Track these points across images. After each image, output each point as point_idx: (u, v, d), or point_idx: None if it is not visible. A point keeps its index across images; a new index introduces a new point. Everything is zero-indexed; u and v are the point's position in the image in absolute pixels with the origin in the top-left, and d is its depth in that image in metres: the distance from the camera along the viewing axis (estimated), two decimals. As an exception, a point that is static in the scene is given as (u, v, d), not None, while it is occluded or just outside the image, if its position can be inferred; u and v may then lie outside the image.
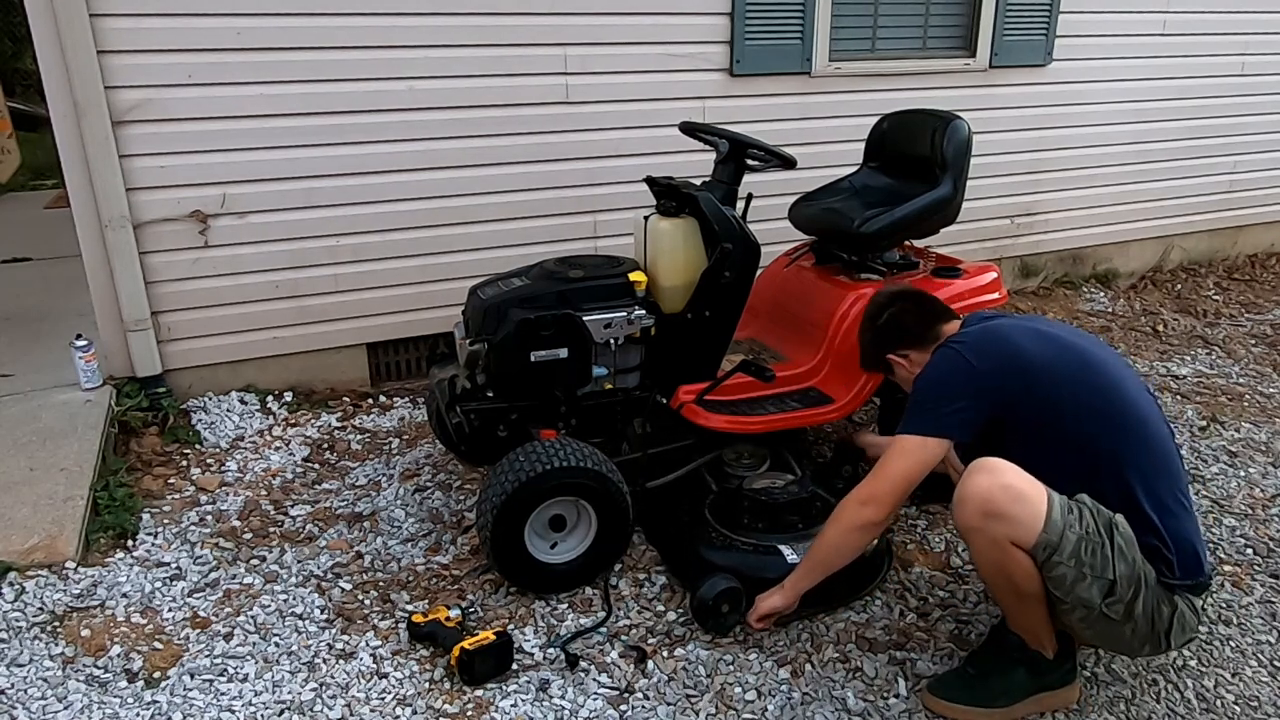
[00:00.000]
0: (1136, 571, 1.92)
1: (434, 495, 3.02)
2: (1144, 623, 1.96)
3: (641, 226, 2.82)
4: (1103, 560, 1.90)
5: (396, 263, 3.67)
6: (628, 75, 3.81)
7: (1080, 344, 2.12)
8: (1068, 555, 1.88)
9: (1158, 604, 1.96)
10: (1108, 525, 1.92)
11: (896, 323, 2.34)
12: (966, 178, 3.02)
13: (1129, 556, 1.91)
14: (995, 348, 2.08)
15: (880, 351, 2.39)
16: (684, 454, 2.84)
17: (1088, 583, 1.90)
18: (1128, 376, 2.11)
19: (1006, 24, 4.44)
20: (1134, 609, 1.93)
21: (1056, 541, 1.88)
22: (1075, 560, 1.89)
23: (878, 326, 2.39)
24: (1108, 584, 1.91)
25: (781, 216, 3.24)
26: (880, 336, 2.38)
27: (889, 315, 2.36)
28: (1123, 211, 5.18)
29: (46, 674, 2.20)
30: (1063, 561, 1.88)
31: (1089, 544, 1.90)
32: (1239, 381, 4.01)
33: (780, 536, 2.50)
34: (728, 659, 2.29)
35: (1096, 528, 1.92)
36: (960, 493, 1.94)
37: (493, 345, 2.59)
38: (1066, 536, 1.89)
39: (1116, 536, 1.91)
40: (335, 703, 2.15)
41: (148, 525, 2.81)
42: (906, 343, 2.33)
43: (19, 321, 4.08)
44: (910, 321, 2.33)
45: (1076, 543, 1.89)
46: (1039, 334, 2.11)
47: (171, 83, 3.18)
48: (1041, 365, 2.03)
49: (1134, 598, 1.92)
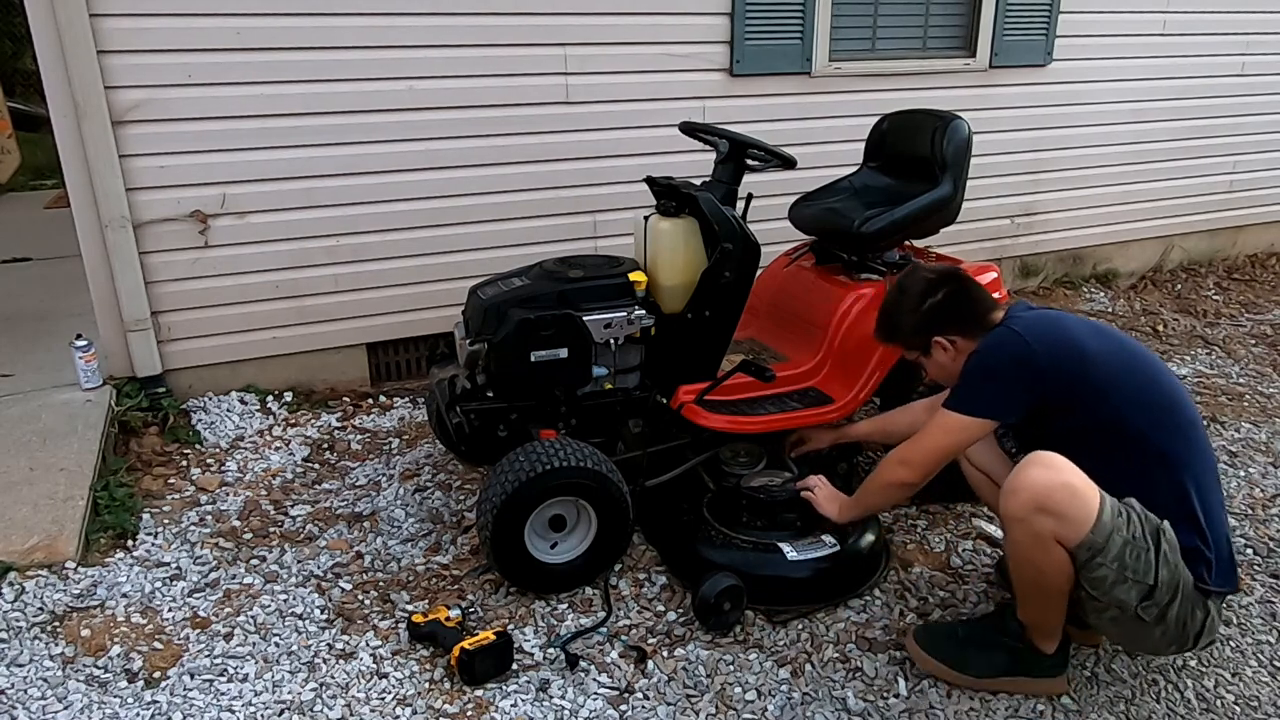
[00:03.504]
0: (1177, 578, 1.92)
1: (434, 495, 3.02)
2: (1175, 626, 1.96)
3: (641, 226, 2.82)
4: (1145, 565, 1.89)
5: (396, 263, 3.67)
6: (628, 75, 3.81)
7: (1131, 342, 2.12)
8: (1111, 558, 1.88)
9: (1192, 609, 1.96)
10: (1155, 532, 1.92)
11: (951, 305, 2.21)
12: (966, 178, 3.02)
13: (1172, 563, 1.91)
14: (1053, 334, 2.05)
15: (927, 333, 2.23)
16: (681, 453, 2.84)
17: (1127, 585, 1.90)
18: (1175, 379, 2.11)
19: (1006, 24, 4.44)
20: (1168, 613, 1.93)
21: (1103, 544, 1.87)
22: (1119, 564, 1.88)
23: (930, 306, 2.21)
24: (1147, 588, 1.90)
25: (781, 216, 3.24)
26: (931, 317, 2.22)
27: (945, 295, 2.21)
28: (1123, 211, 5.18)
29: (46, 674, 2.21)
30: (1105, 564, 1.88)
31: (1134, 548, 1.89)
32: (1239, 381, 4.01)
33: (779, 534, 2.51)
34: (728, 659, 2.29)
35: (1143, 533, 1.91)
36: (1014, 483, 1.92)
37: (493, 345, 2.59)
38: (1113, 539, 1.88)
39: (1163, 543, 1.91)
40: (335, 703, 2.15)
41: (148, 525, 2.81)
42: (957, 327, 2.20)
43: (19, 321, 4.08)
44: (965, 306, 2.21)
45: (1122, 546, 1.88)
46: (1094, 327, 2.12)
47: (171, 83, 3.18)
48: (1098, 356, 2.02)
49: (1170, 602, 1.93)
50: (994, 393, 2.07)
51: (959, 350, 2.20)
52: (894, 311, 2.31)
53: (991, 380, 2.07)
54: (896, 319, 2.31)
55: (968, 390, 2.11)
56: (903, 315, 2.28)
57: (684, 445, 2.83)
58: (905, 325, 2.28)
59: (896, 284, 2.34)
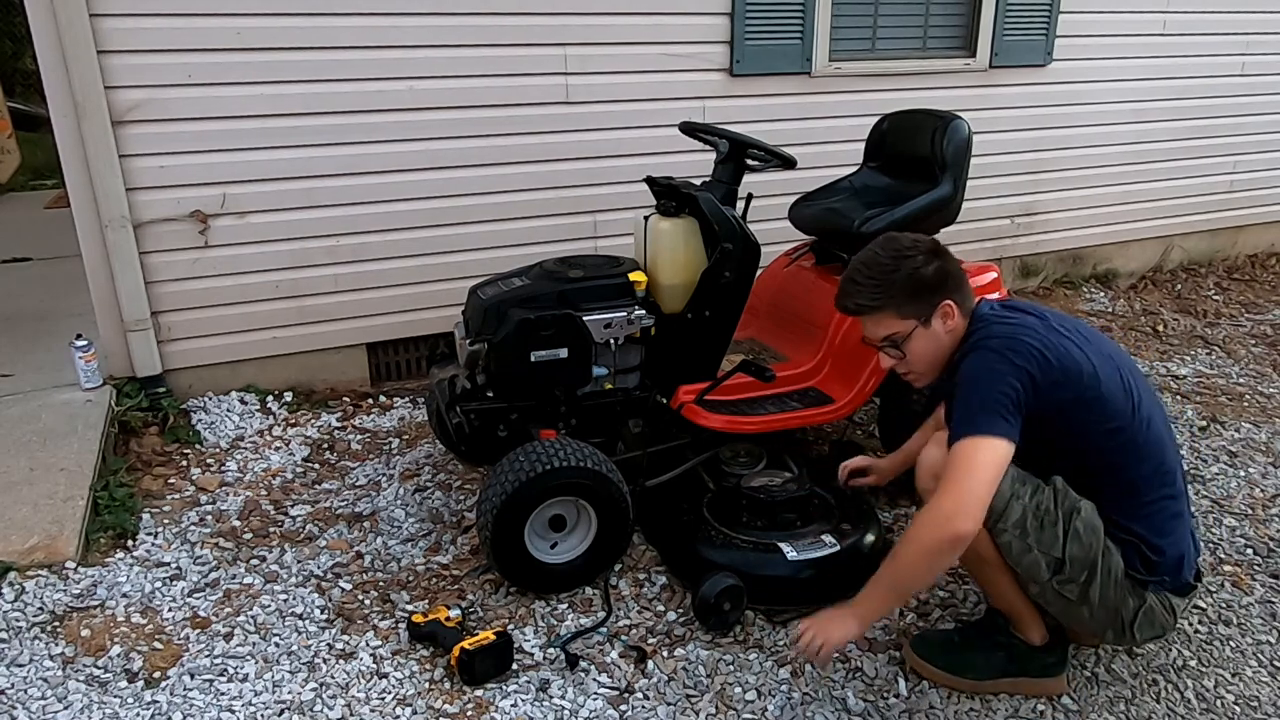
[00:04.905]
0: (1092, 557, 1.95)
1: (434, 495, 3.02)
2: (1102, 610, 2.00)
3: (641, 226, 2.82)
4: (1051, 538, 1.95)
5: (396, 263, 3.67)
6: (628, 75, 3.81)
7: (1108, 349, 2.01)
8: (1012, 524, 1.94)
9: (1121, 595, 1.99)
10: (1069, 509, 1.96)
11: (955, 268, 2.01)
12: (966, 178, 3.02)
13: (1085, 542, 1.95)
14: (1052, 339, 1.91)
15: (937, 295, 1.97)
16: (681, 453, 2.84)
17: (1034, 555, 1.96)
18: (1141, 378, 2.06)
19: (1006, 24, 4.44)
20: (1089, 593, 1.97)
21: (1001, 509, 1.93)
22: (1020, 530, 1.95)
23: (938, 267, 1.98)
24: (1055, 561, 1.95)
25: (781, 216, 3.24)
26: (940, 278, 1.97)
27: (948, 260, 2.01)
28: (1123, 211, 5.18)
29: (46, 674, 2.20)
30: (1008, 529, 1.95)
31: (1037, 518, 1.94)
32: (1239, 381, 4.01)
33: (779, 534, 2.51)
34: (728, 659, 2.29)
35: (1054, 507, 1.95)
36: (919, 460, 2.05)
37: (493, 345, 2.59)
38: (1012, 506, 1.94)
39: (1076, 521, 1.95)
40: (335, 703, 2.15)
41: (148, 525, 2.81)
42: (960, 294, 2.00)
43: (19, 321, 4.08)
44: (960, 275, 2.02)
45: (1022, 514, 1.94)
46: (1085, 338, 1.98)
47: (171, 83, 3.18)
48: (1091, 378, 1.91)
49: (1088, 581, 1.96)
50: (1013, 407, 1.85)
51: (955, 323, 1.99)
52: (889, 270, 1.98)
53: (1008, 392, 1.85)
54: (893, 278, 1.97)
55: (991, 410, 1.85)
56: (901, 274, 1.97)
57: (684, 445, 2.83)
58: (908, 285, 1.97)
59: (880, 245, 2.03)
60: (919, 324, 2.00)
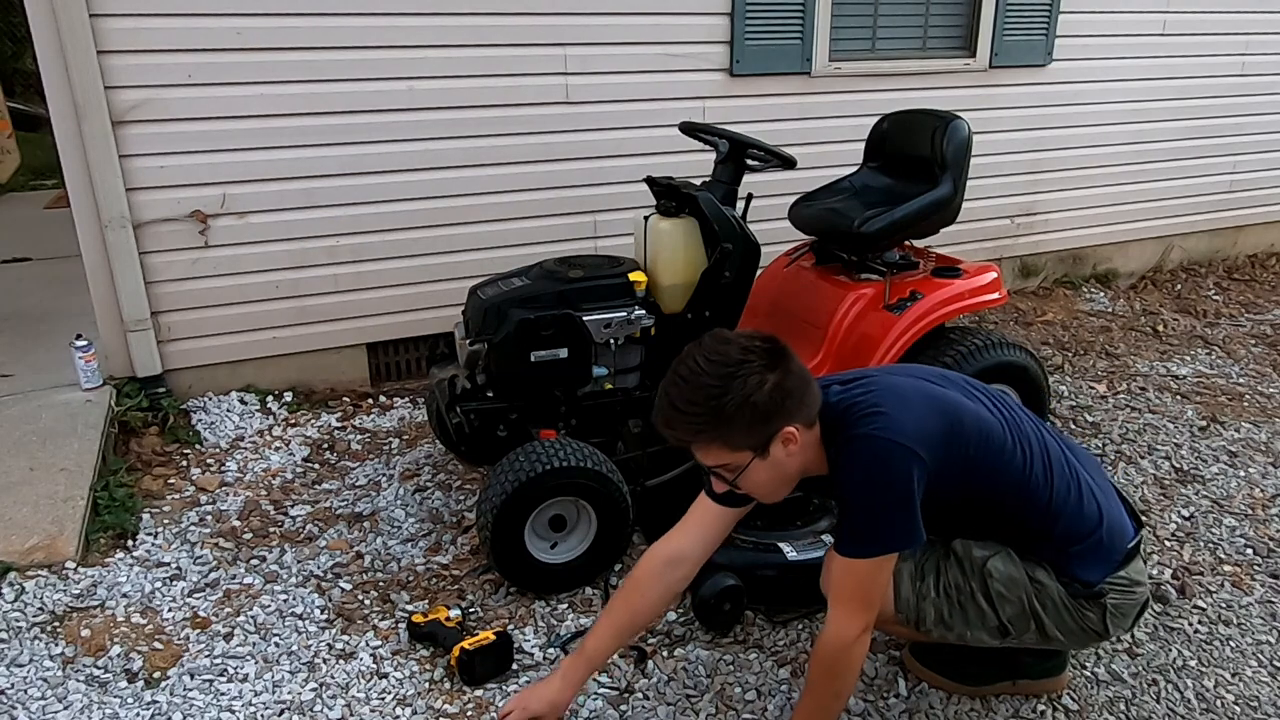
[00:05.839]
0: (1029, 606, 1.84)
1: (434, 495, 3.02)
2: (1069, 636, 1.90)
3: (641, 226, 2.82)
4: (976, 612, 1.85)
5: (396, 263, 3.67)
6: (628, 75, 3.81)
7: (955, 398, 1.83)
8: (932, 622, 1.88)
9: (1079, 614, 1.86)
10: (980, 574, 1.83)
11: (792, 386, 1.68)
12: (966, 178, 3.02)
13: (1012, 597, 1.84)
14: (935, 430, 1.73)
15: (775, 422, 1.67)
16: (681, 453, 2.83)
17: (974, 632, 1.88)
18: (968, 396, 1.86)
19: (1006, 24, 4.44)
20: (1045, 630, 1.87)
21: (914, 616, 1.87)
22: (944, 624, 1.88)
23: (773, 387, 1.65)
24: (995, 629, 1.86)
25: (781, 216, 3.24)
26: (777, 399, 1.65)
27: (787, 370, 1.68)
28: (1123, 211, 5.18)
29: (46, 674, 2.20)
30: (931, 629, 1.88)
31: (952, 604, 1.85)
32: (1239, 381, 4.01)
33: (779, 533, 2.51)
34: (728, 659, 2.29)
35: (963, 581, 1.84)
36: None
37: (493, 345, 2.59)
38: (923, 608, 1.87)
39: (992, 584, 1.83)
40: (335, 703, 2.15)
41: (148, 525, 2.81)
42: (799, 410, 1.70)
43: (19, 321, 4.08)
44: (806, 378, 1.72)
45: (936, 610, 1.87)
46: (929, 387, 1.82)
47: (171, 83, 3.18)
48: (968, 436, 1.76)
49: (1039, 625, 1.86)
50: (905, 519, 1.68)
51: (801, 444, 1.71)
52: (715, 395, 1.63)
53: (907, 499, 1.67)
54: (720, 406, 1.63)
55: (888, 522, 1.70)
56: (731, 402, 1.63)
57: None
58: (737, 415, 1.64)
59: (705, 357, 1.67)
60: (755, 456, 1.70)
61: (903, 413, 1.71)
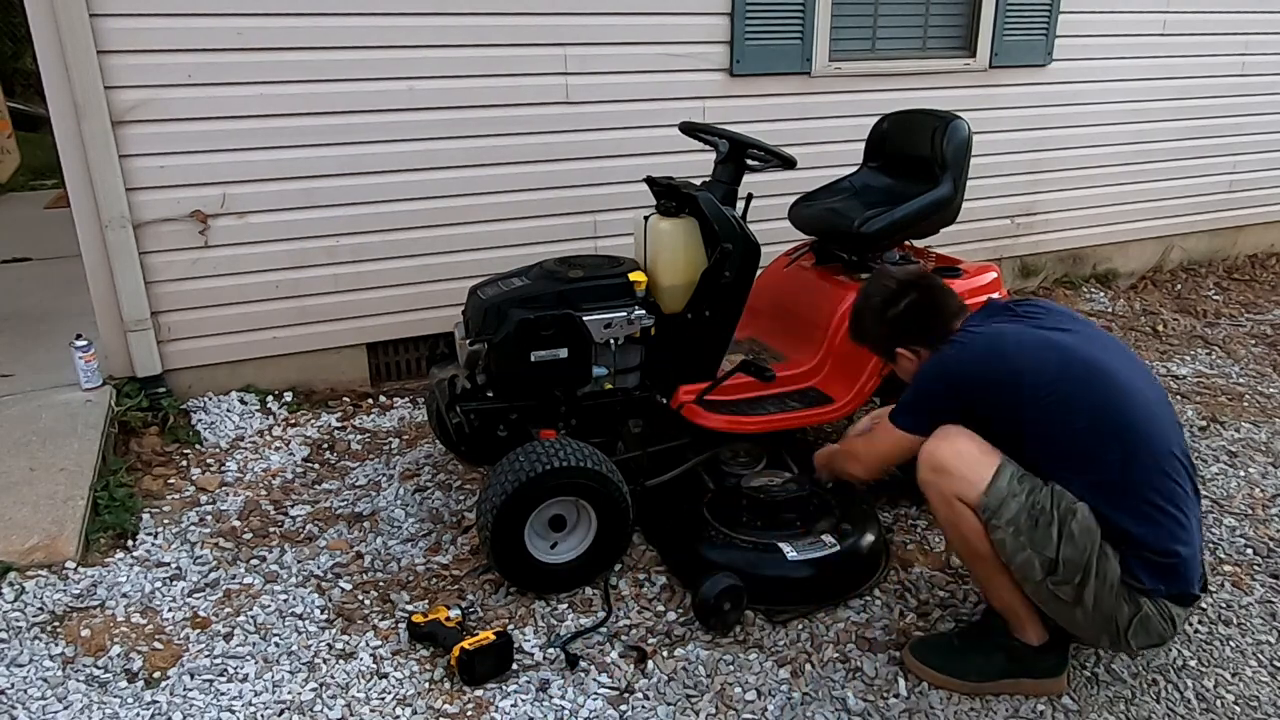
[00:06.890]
0: (1086, 560, 1.96)
1: (434, 495, 3.02)
2: (1096, 614, 2.00)
3: (641, 226, 2.82)
4: (1044, 537, 1.96)
5: (396, 263, 3.67)
6: (628, 75, 3.81)
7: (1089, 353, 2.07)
8: (1005, 521, 1.97)
9: (1116, 601, 1.98)
10: (1065, 510, 1.97)
11: (912, 316, 2.25)
12: (966, 178, 3.02)
13: (1080, 544, 1.95)
14: (989, 357, 2.10)
15: (891, 344, 2.31)
16: (681, 453, 2.84)
17: (1027, 554, 1.98)
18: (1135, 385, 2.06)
19: (1006, 24, 4.44)
20: (1083, 596, 1.97)
21: (996, 506, 1.97)
22: (1014, 529, 1.97)
23: (891, 317, 2.27)
24: (1048, 561, 1.97)
25: (781, 216, 3.24)
26: (894, 328, 2.28)
27: (906, 306, 2.25)
28: (1123, 211, 5.18)
29: (46, 674, 2.21)
30: (1000, 526, 1.98)
31: (1031, 516, 1.97)
32: (1239, 381, 4.01)
33: (779, 534, 2.51)
34: (728, 659, 2.29)
35: (1050, 507, 1.97)
36: (920, 454, 2.09)
37: (493, 345, 2.59)
38: (1008, 504, 1.97)
39: (1071, 523, 1.96)
40: (335, 703, 2.15)
41: (148, 525, 2.81)
42: (919, 338, 2.25)
43: (19, 321, 4.08)
44: (927, 316, 2.24)
45: (1017, 512, 1.97)
46: (1046, 342, 2.07)
47: (171, 83, 3.18)
48: (1039, 376, 2.02)
49: (1081, 584, 1.96)
50: (926, 413, 2.14)
51: (921, 359, 2.26)
52: (860, 318, 2.38)
53: (925, 401, 2.16)
54: (862, 326, 2.38)
55: (906, 406, 2.20)
56: (867, 324, 2.35)
57: (684, 445, 2.83)
58: (871, 334, 2.36)
59: (863, 290, 2.38)
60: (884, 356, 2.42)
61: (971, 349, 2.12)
